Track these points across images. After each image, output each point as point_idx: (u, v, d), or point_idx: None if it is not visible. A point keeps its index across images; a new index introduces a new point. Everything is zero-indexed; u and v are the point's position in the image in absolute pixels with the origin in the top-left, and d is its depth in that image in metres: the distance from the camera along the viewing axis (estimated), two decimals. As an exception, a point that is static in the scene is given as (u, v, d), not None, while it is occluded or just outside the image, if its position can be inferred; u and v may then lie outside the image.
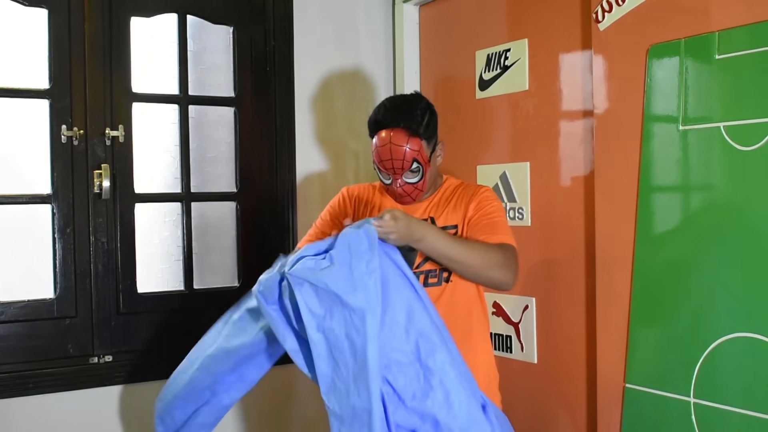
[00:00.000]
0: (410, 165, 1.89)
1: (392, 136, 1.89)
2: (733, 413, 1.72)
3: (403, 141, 1.88)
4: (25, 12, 2.44)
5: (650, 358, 1.91)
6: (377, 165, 1.93)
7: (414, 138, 1.89)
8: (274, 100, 2.80)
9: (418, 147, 1.89)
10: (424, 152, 1.91)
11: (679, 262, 1.85)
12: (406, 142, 1.88)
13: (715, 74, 1.77)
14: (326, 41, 2.90)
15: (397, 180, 1.92)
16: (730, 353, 1.73)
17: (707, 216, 1.79)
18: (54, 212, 2.44)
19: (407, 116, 1.90)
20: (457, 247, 1.83)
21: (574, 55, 2.23)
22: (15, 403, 2.35)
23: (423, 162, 1.91)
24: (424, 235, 1.79)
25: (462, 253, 1.83)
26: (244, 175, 2.75)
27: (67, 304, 2.46)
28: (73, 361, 2.46)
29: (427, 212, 1.99)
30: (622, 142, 1.99)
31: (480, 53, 2.58)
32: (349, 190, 2.13)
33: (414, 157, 1.89)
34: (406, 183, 1.93)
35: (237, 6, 2.75)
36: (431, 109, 1.97)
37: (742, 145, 1.71)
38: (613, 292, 2.01)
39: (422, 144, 1.90)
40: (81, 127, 2.46)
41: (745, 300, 1.71)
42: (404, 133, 1.89)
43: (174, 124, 2.66)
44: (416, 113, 1.91)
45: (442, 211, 1.98)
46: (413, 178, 1.92)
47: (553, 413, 2.26)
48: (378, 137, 1.92)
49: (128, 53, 2.56)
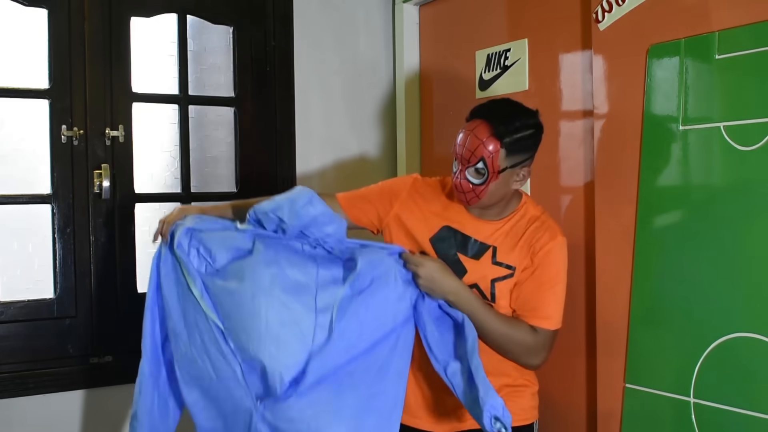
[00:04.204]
0: (476, 162, 1.79)
1: (477, 126, 1.80)
2: (733, 413, 1.72)
3: (483, 136, 1.78)
4: (25, 12, 2.44)
5: (650, 357, 1.91)
6: (453, 149, 1.86)
7: (495, 140, 1.78)
8: (274, 100, 2.80)
9: (494, 150, 1.78)
10: (497, 159, 1.78)
11: (679, 262, 1.85)
12: (485, 138, 1.78)
13: (715, 74, 1.77)
14: (326, 41, 2.90)
15: (462, 173, 1.83)
16: (730, 353, 1.73)
17: (707, 216, 1.79)
18: (54, 212, 2.44)
19: (504, 119, 1.80)
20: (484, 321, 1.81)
21: (574, 55, 2.23)
22: (15, 403, 2.35)
23: (491, 167, 1.79)
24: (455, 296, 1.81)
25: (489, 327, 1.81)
26: (244, 175, 2.76)
27: (67, 304, 2.46)
28: (73, 361, 2.46)
29: (493, 239, 1.89)
30: (622, 142, 1.99)
31: (480, 53, 2.58)
32: (416, 184, 2.03)
33: (483, 156, 1.78)
34: (466, 179, 1.82)
35: (237, 6, 2.75)
36: (536, 129, 1.84)
37: (742, 145, 1.71)
38: (613, 291, 2.01)
39: (501, 151, 1.78)
40: (81, 127, 2.46)
41: (745, 300, 1.71)
42: (489, 131, 1.78)
43: (174, 124, 2.66)
44: (515, 122, 1.80)
45: (507, 244, 1.88)
46: (476, 179, 1.81)
47: (553, 413, 2.26)
48: (468, 124, 1.84)
49: (128, 53, 2.56)
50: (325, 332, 1.78)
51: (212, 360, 1.85)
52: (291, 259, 1.86)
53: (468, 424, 1.89)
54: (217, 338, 1.83)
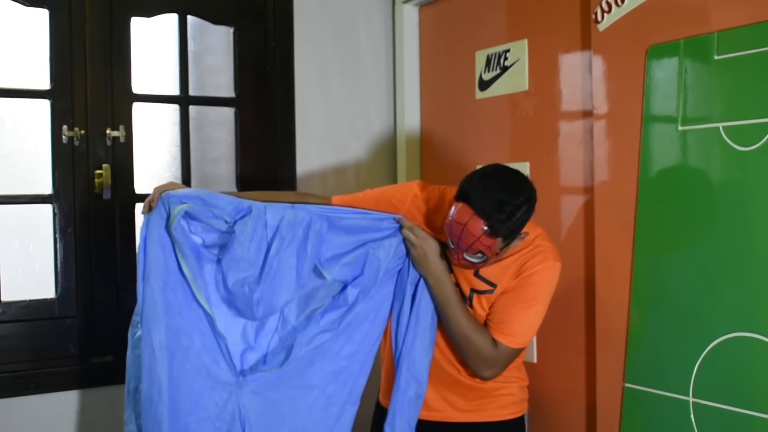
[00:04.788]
0: (474, 253, 1.76)
1: (469, 222, 1.72)
2: (732, 413, 1.72)
3: (477, 232, 1.72)
4: (26, 12, 2.44)
5: (650, 357, 1.92)
6: (446, 227, 1.79)
7: (490, 237, 1.72)
8: (274, 100, 2.80)
9: (489, 244, 1.73)
10: (495, 248, 1.75)
11: (678, 262, 1.85)
12: (480, 236, 1.72)
13: (714, 75, 1.78)
14: (326, 41, 2.90)
15: (459, 254, 1.79)
16: (730, 353, 1.73)
17: (706, 216, 1.79)
18: (55, 212, 2.45)
19: (495, 212, 1.70)
20: (452, 316, 1.85)
21: (573, 56, 2.23)
22: (15, 402, 2.36)
23: (489, 254, 1.76)
24: (435, 280, 1.85)
25: (454, 324, 1.85)
26: (245, 175, 2.76)
27: (68, 304, 2.46)
28: (73, 361, 2.47)
29: None
30: (622, 142, 1.99)
31: (480, 53, 2.58)
32: (416, 202, 2.00)
33: (481, 250, 1.75)
34: (465, 259, 1.79)
35: (237, 6, 2.75)
36: (529, 205, 1.75)
37: (741, 146, 1.71)
38: (612, 291, 2.01)
39: (497, 242, 1.74)
40: (82, 128, 2.46)
41: (744, 300, 1.71)
42: (482, 228, 1.71)
43: (174, 125, 2.66)
44: (506, 211, 1.71)
45: (490, 261, 1.83)
46: (474, 259, 1.79)
47: (553, 413, 2.27)
48: (457, 207, 1.75)
49: (129, 53, 2.56)
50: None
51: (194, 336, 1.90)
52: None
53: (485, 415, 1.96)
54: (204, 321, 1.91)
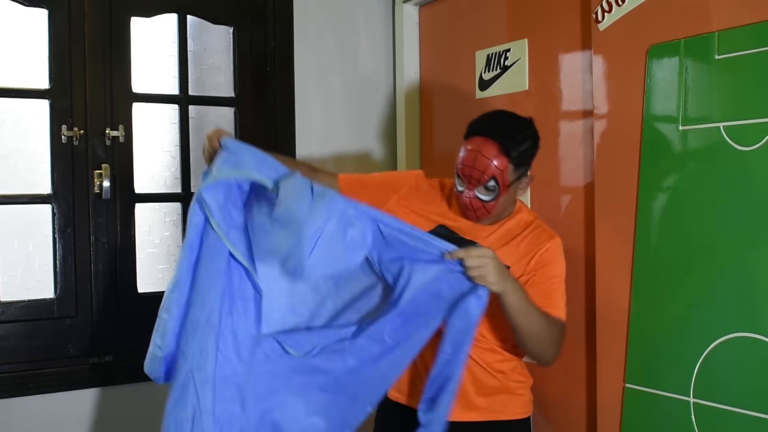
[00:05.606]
0: (487, 180, 1.81)
1: (482, 145, 1.80)
2: (733, 413, 1.72)
3: (491, 155, 1.79)
4: (25, 12, 2.44)
5: (650, 357, 1.91)
6: (457, 168, 1.85)
7: (503, 157, 1.80)
8: (274, 100, 2.80)
9: (503, 167, 1.80)
10: (507, 175, 1.81)
11: (678, 261, 1.85)
12: (494, 157, 1.79)
13: (714, 74, 1.77)
14: (326, 41, 2.90)
15: (470, 191, 1.84)
16: (730, 353, 1.73)
17: (707, 216, 1.79)
18: (54, 212, 2.44)
19: (508, 134, 1.81)
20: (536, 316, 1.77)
21: (573, 56, 2.23)
22: (15, 403, 2.36)
23: (502, 184, 1.81)
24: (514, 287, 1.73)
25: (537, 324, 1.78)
26: (244, 175, 2.75)
27: (68, 304, 2.46)
28: (73, 361, 2.46)
29: (488, 242, 1.88)
30: (622, 142, 1.99)
31: (480, 53, 2.58)
32: (419, 182, 2.04)
33: (494, 175, 1.80)
34: (476, 197, 1.84)
35: (237, 6, 2.75)
36: (535, 139, 1.88)
37: (742, 145, 1.71)
38: (612, 290, 2.01)
39: (509, 167, 1.81)
40: (81, 127, 2.46)
41: (744, 300, 1.71)
42: (496, 149, 1.79)
43: (174, 124, 2.66)
44: (518, 136, 1.82)
45: (501, 245, 1.88)
46: (486, 196, 1.83)
47: (554, 413, 2.27)
48: (469, 141, 1.84)
49: (128, 53, 2.56)
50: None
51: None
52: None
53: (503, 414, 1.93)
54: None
